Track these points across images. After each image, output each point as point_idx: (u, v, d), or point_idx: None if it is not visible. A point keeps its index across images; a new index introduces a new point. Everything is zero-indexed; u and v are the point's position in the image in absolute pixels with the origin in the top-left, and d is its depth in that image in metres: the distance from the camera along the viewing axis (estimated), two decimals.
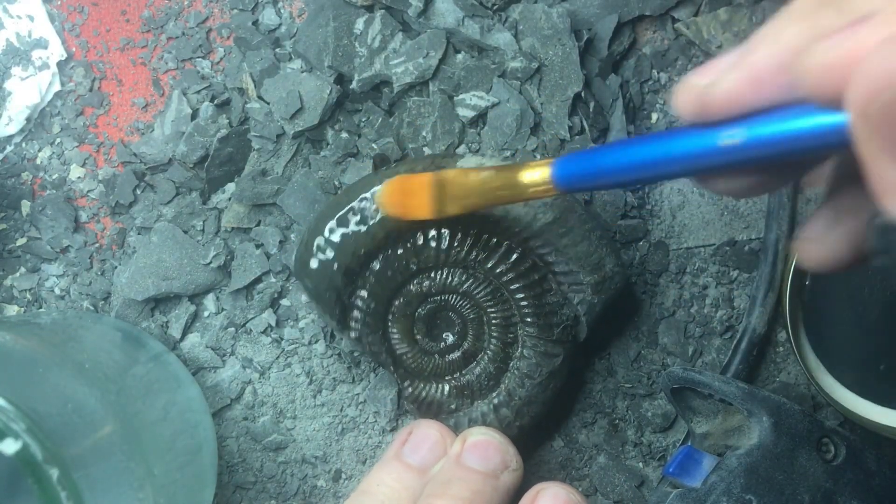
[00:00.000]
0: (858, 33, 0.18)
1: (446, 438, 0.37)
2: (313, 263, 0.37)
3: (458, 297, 0.38)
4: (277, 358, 0.41)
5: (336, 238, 0.36)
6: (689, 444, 0.37)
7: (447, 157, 0.37)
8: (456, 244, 0.37)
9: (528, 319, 0.37)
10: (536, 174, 0.29)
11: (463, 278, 0.37)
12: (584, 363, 0.41)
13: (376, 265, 0.37)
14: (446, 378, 0.39)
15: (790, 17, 0.21)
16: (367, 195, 0.36)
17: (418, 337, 0.38)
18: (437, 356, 0.38)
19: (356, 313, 0.38)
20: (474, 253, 0.37)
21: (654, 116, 0.42)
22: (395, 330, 0.38)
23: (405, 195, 0.35)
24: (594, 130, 0.40)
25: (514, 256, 0.37)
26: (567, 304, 0.38)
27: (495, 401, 0.38)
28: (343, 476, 0.41)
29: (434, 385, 0.39)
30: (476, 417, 0.38)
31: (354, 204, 0.36)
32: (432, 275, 0.37)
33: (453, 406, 0.38)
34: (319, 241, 0.36)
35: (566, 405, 0.41)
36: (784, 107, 0.22)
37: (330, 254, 0.36)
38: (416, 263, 0.37)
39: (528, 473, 0.37)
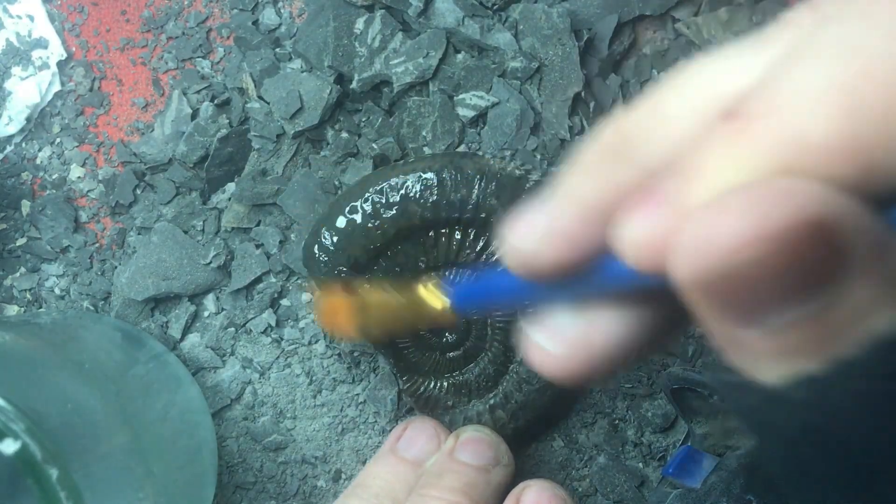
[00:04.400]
0: (662, 205, 0.16)
1: (440, 435, 0.38)
2: (322, 252, 0.37)
3: None
4: (277, 358, 0.41)
5: (347, 229, 0.36)
6: (689, 444, 0.37)
7: (465, 156, 0.37)
8: (467, 245, 0.37)
9: None
10: (437, 303, 0.27)
11: None
12: None
13: (385, 259, 0.37)
14: (445, 375, 0.39)
15: (581, 169, 0.19)
16: (383, 187, 0.36)
17: (421, 332, 0.38)
18: (437, 353, 0.39)
19: None
20: (485, 255, 0.37)
21: None
22: None
23: (333, 314, 0.32)
24: (594, 130, 0.40)
25: None
26: None
27: (491, 401, 0.38)
28: (343, 476, 0.41)
29: (433, 381, 0.39)
30: (471, 416, 0.38)
31: (368, 196, 0.36)
32: (441, 273, 0.37)
33: (450, 403, 0.39)
34: (330, 230, 0.36)
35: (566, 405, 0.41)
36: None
37: (340, 244, 0.36)
38: (426, 262, 0.37)
39: (528, 474, 0.37)
